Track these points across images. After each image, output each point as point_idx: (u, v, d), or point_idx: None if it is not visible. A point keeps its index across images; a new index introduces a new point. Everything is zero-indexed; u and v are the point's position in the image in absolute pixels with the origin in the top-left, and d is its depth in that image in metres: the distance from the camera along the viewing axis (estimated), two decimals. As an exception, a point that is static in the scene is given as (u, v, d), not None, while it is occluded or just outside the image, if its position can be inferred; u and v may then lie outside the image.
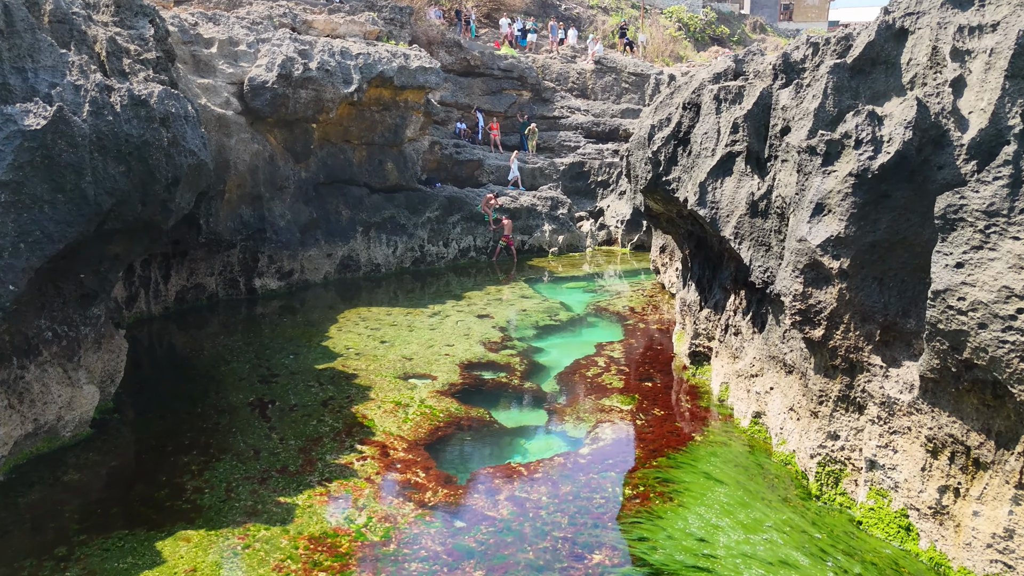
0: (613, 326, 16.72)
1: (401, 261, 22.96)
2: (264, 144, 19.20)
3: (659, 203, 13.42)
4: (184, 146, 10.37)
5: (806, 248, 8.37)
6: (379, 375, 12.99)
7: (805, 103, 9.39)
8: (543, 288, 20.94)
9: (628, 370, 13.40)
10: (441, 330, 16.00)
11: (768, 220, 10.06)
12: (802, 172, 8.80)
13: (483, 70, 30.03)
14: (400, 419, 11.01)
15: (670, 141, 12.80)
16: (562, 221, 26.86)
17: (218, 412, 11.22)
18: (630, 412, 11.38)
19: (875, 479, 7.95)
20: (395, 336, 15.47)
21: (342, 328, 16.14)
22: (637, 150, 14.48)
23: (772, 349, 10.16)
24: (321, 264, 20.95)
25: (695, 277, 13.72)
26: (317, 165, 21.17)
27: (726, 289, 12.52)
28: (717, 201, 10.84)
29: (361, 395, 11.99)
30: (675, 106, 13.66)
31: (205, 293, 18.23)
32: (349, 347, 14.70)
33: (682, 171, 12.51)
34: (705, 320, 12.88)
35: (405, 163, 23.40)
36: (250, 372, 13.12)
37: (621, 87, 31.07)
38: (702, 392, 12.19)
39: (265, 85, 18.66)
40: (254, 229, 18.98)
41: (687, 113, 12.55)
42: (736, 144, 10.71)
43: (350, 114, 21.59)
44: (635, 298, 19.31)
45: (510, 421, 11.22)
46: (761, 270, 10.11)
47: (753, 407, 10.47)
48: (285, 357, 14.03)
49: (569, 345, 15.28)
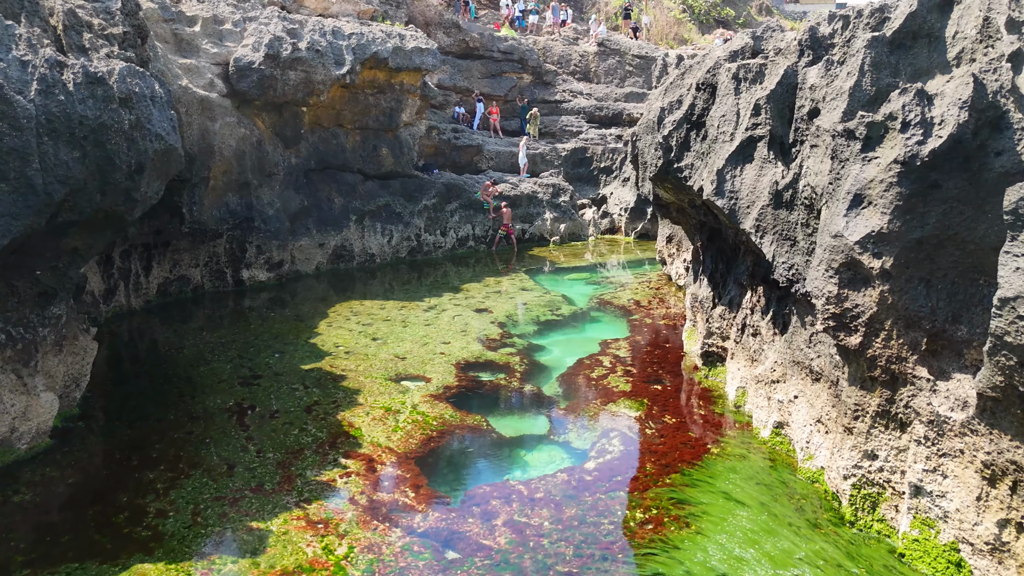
0: (618, 321, 15.73)
1: (397, 251, 21.93)
2: (251, 128, 18.12)
3: (670, 192, 12.39)
4: (149, 129, 9.32)
5: (842, 245, 7.36)
6: (369, 376, 12.01)
7: (838, 82, 8.34)
8: (544, 280, 19.93)
9: (635, 371, 12.43)
10: (437, 326, 15.01)
11: (794, 212, 9.04)
12: (837, 159, 7.77)
13: (482, 52, 28.85)
14: (390, 428, 10.04)
15: (682, 125, 11.74)
16: (564, 209, 25.80)
17: (192, 419, 10.25)
18: (638, 419, 10.41)
19: (920, 507, 6.99)
20: (388, 333, 14.49)
21: (332, 323, 15.15)
22: (645, 135, 13.43)
23: (796, 354, 9.17)
24: (313, 254, 19.92)
25: (707, 271, 12.71)
26: (308, 151, 20.10)
27: (742, 285, 11.52)
28: (736, 191, 9.81)
29: (349, 400, 11.02)
30: (687, 87, 12.61)
31: (190, 285, 17.23)
32: (339, 345, 13.72)
33: (695, 157, 11.47)
34: (719, 318, 11.88)
35: (401, 148, 22.32)
36: (231, 373, 12.15)
37: (625, 70, 29.88)
38: (716, 396, 11.22)
39: (251, 66, 17.55)
40: (241, 218, 17.95)
41: (701, 94, 11.49)
42: (758, 128, 9.66)
43: (343, 97, 20.49)
44: (640, 291, 18.31)
45: (509, 430, 10.26)
46: (785, 267, 9.10)
47: (774, 416, 9.49)
48: (270, 356, 13.05)
49: (572, 342, 14.30)
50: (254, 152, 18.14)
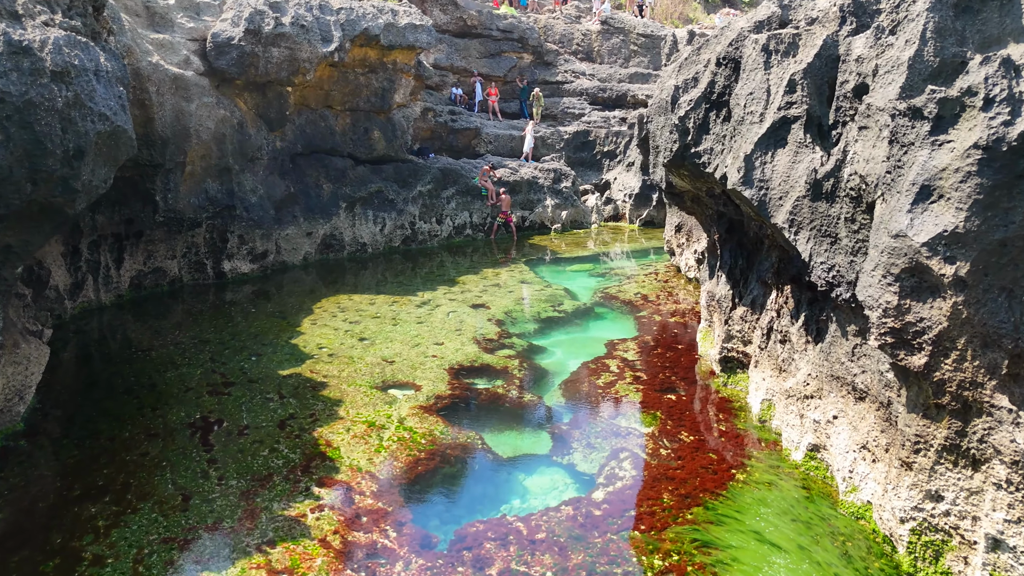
0: (624, 318, 14.46)
1: (390, 240, 20.61)
2: (232, 110, 16.73)
3: (685, 179, 11.06)
4: (91, 108, 7.98)
5: (905, 247, 6.06)
6: (353, 384, 10.76)
7: (893, 52, 6.99)
8: (545, 271, 18.64)
9: (645, 377, 11.17)
10: (430, 324, 13.74)
11: (836, 204, 7.73)
12: (898, 143, 6.45)
13: (480, 31, 27.36)
14: (372, 447, 8.80)
15: (700, 105, 10.39)
16: (565, 195, 24.44)
17: (150, 437, 9.01)
18: (651, 436, 9.17)
19: (1000, 563, 5.76)
20: (376, 332, 13.22)
21: (317, 321, 13.88)
22: (658, 116, 12.08)
23: (835, 367, 7.90)
24: (300, 244, 18.61)
25: (725, 267, 11.41)
26: (294, 133, 18.71)
27: (766, 284, 10.23)
28: (767, 179, 8.48)
29: (328, 412, 9.77)
30: (703, 63, 11.24)
31: (166, 278, 15.93)
32: (322, 346, 12.46)
33: (715, 141, 10.14)
34: (740, 320, 10.61)
35: (394, 131, 20.91)
36: (201, 379, 10.89)
37: (629, 49, 28.36)
38: (737, 409, 9.97)
39: (231, 42, 16.13)
40: (222, 206, 16.62)
41: (722, 70, 10.13)
42: (792, 107, 8.32)
43: (331, 76, 19.06)
44: (647, 283, 17.02)
45: (506, 449, 9.02)
46: (824, 268, 7.81)
47: (808, 437, 8.24)
48: (245, 359, 11.79)
49: (575, 343, 13.04)
50: (235, 135, 16.77)
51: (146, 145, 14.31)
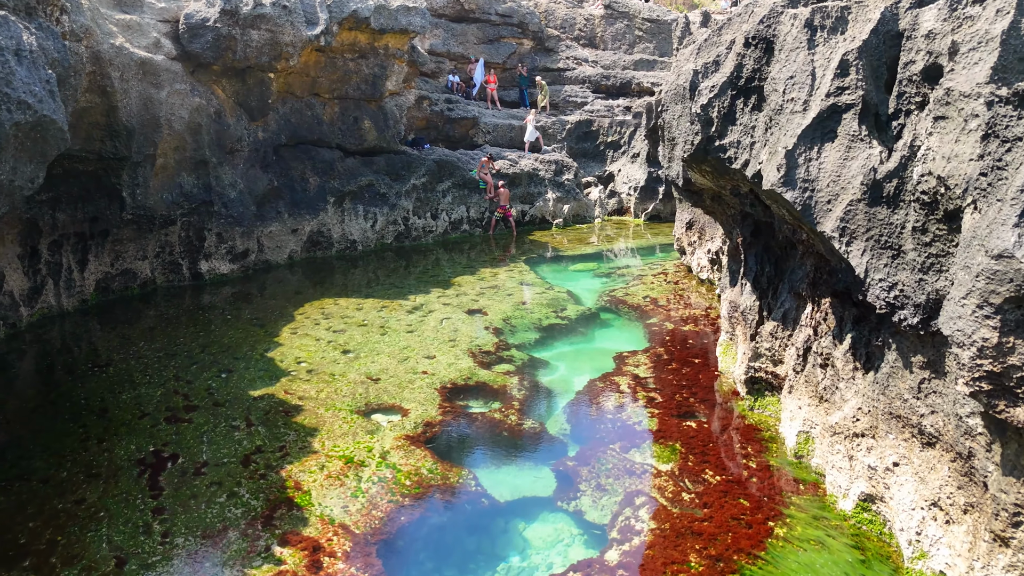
0: (633, 326, 13.12)
1: (381, 236, 19.22)
2: (208, 97, 15.30)
3: (707, 176, 9.68)
4: (8, 94, 6.59)
5: (1011, 270, 4.71)
6: (332, 408, 9.43)
7: (980, 25, 5.60)
8: (546, 271, 17.28)
9: (660, 398, 9.85)
10: (421, 333, 12.40)
11: (900, 211, 6.36)
12: (997, 137, 5.08)
13: (479, 15, 25.85)
14: (348, 490, 7.48)
15: (725, 91, 8.99)
16: (567, 188, 23.03)
17: (90, 478, 7.68)
18: (671, 476, 7.85)
19: None
20: (362, 343, 11.88)
21: (298, 329, 12.53)
22: (674, 104, 10.69)
23: (895, 404, 6.57)
24: (284, 241, 17.23)
25: (750, 275, 10.06)
26: (278, 123, 17.28)
27: (799, 295, 8.89)
28: (812, 179, 7.09)
29: (301, 445, 8.45)
30: (726, 44, 9.83)
31: (136, 280, 14.56)
32: (301, 360, 11.12)
33: (743, 132, 8.76)
34: (769, 337, 9.26)
35: (386, 121, 19.48)
36: (160, 402, 9.56)
37: (634, 35, 26.85)
38: (768, 439, 8.64)
39: (205, 23, 14.68)
40: (198, 201, 15.23)
41: (752, 52, 8.72)
42: (844, 93, 6.93)
43: (318, 62, 17.61)
44: (656, 285, 15.66)
45: (504, 491, 7.70)
46: (884, 287, 6.45)
47: (860, 485, 6.92)
48: (214, 376, 10.46)
49: (580, 355, 11.71)
50: (212, 125, 15.35)
51: (110, 136, 12.91)
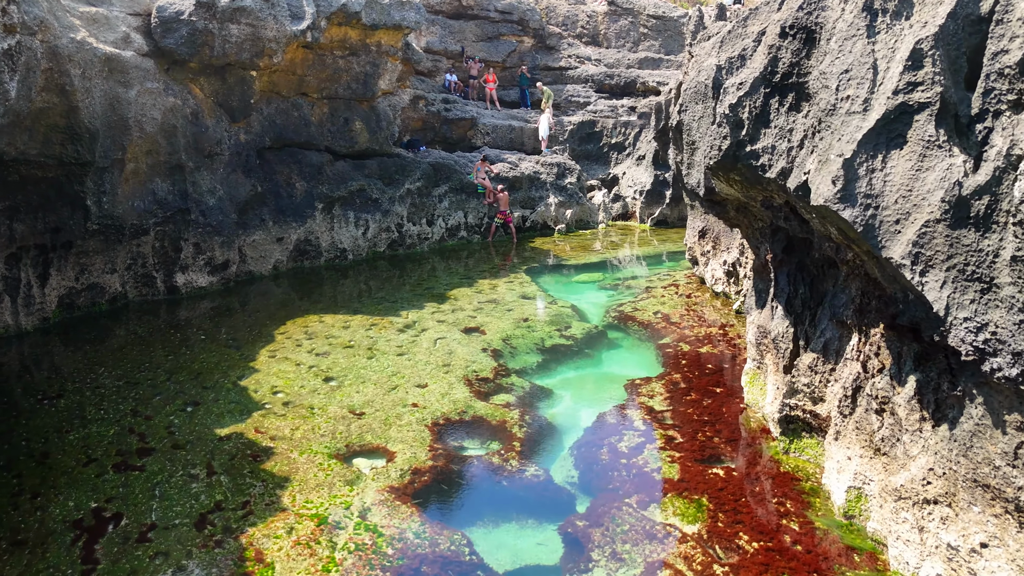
0: (645, 347, 11.86)
1: (373, 244, 17.96)
2: (184, 97, 14.02)
3: (735, 185, 8.41)
4: None
5: None
6: (307, 451, 8.17)
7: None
8: (548, 282, 16.03)
9: (680, 438, 8.58)
10: (412, 356, 11.14)
11: (992, 235, 5.09)
12: None
13: (477, 11, 24.58)
14: (319, 563, 6.21)
15: (757, 89, 7.72)
16: (570, 192, 21.77)
17: (13, 547, 6.42)
18: (699, 541, 6.59)
19: None
20: (347, 369, 10.62)
21: (277, 352, 11.27)
22: (694, 103, 9.43)
23: (983, 470, 5.30)
24: (269, 251, 15.97)
25: (782, 296, 8.79)
26: (261, 125, 16.00)
27: (843, 324, 7.62)
28: (875, 194, 5.82)
29: (268, 499, 7.19)
30: (753, 36, 8.61)
31: (105, 296, 13.28)
32: (278, 389, 9.86)
33: (779, 136, 7.50)
34: (807, 371, 7.99)
35: (378, 122, 18.20)
36: (111, 444, 8.30)
37: (639, 32, 25.57)
38: (809, 492, 7.38)
39: (179, 17, 13.40)
40: (173, 209, 13.96)
41: (789, 42, 7.45)
42: (916, 90, 5.66)
43: (305, 59, 16.34)
44: (667, 299, 14.39)
45: (503, 558, 6.44)
46: (970, 328, 5.18)
47: (936, 566, 5.65)
48: (178, 411, 9.19)
49: (587, 383, 10.46)
50: (188, 127, 14.07)
51: (71, 139, 11.64)
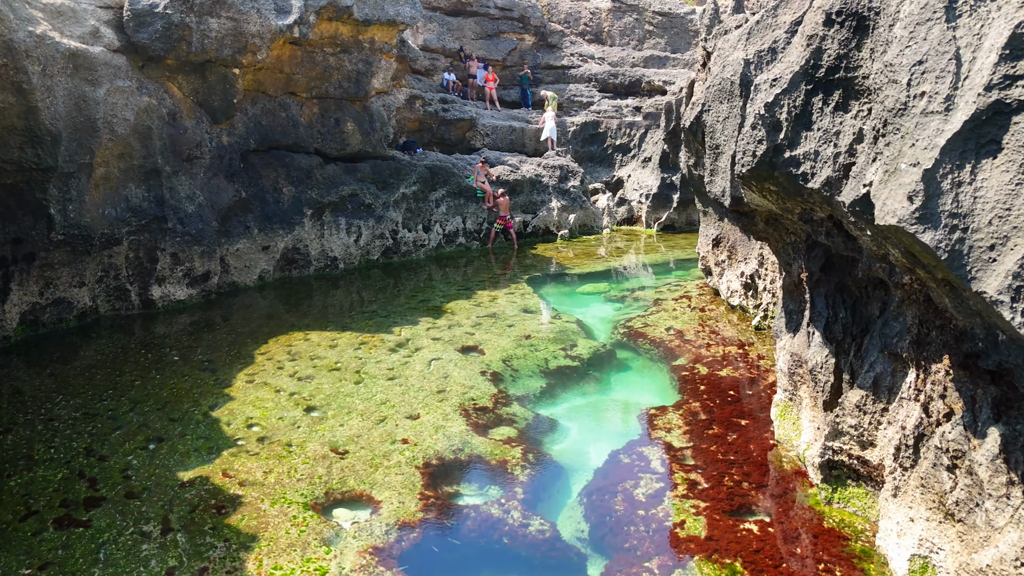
0: (658, 369, 10.76)
1: (366, 252, 16.85)
2: (160, 96, 12.90)
3: (770, 196, 7.29)
4: None
5: None
6: (281, 500, 7.06)
7: None
8: (551, 293, 14.93)
9: (704, 482, 7.47)
10: (404, 380, 10.03)
11: (1125, 268, 3.98)
12: None
13: (476, 8, 23.46)
14: (281, 654, 5.11)
15: (798, 86, 6.62)
16: (573, 196, 20.65)
17: (-82, 634, 5.33)
18: (739, 620, 5.47)
19: None
20: (331, 396, 9.51)
21: (255, 377, 10.16)
22: (717, 102, 8.33)
23: (1101, 559, 4.19)
24: (254, 260, 14.85)
25: (819, 321, 7.67)
26: (246, 126, 14.88)
27: (897, 358, 6.51)
28: (963, 213, 4.71)
29: (230, 566, 6.07)
30: (786, 26, 7.54)
31: (73, 311, 12.17)
32: (253, 422, 8.75)
33: (823, 140, 6.40)
34: (855, 410, 6.87)
35: (372, 123, 17.08)
36: (57, 491, 7.19)
37: (644, 30, 24.44)
38: (860, 555, 6.26)
39: (154, 10, 12.27)
40: (148, 217, 12.85)
41: (836, 31, 6.33)
42: (1015, 85, 4.54)
43: (293, 56, 15.22)
44: (680, 313, 13.27)
45: (505, 647, 5.34)
46: (1092, 383, 4.06)
47: (1036, 670, 4.55)
48: (138, 449, 8.08)
49: (596, 412, 9.36)
50: (165, 128, 12.95)
51: (30, 143, 10.54)
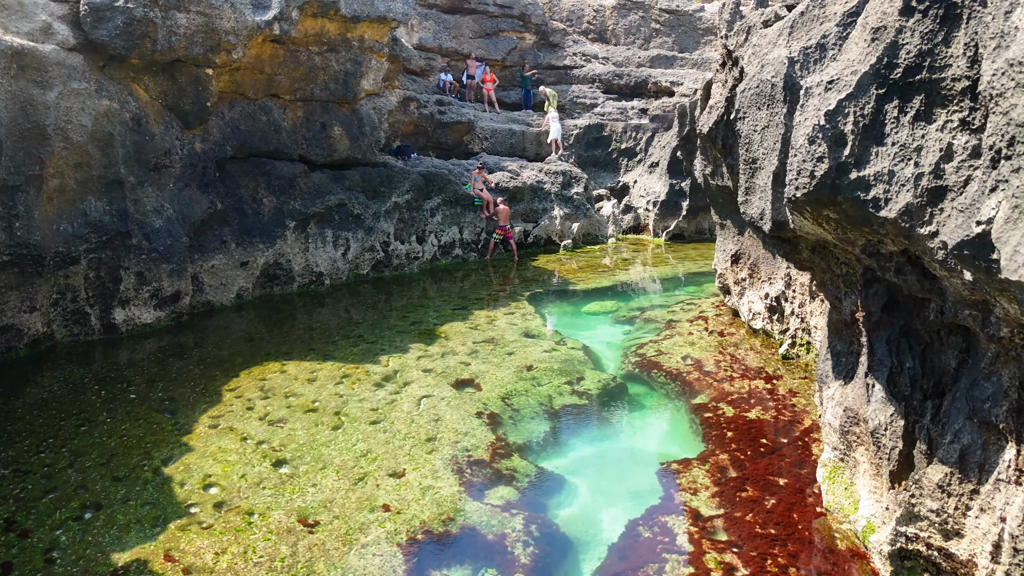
0: (676, 409, 9.40)
1: (355, 266, 15.48)
2: (123, 100, 11.52)
3: (828, 224, 5.91)
4: None
5: None
6: (227, 594, 5.70)
7: None
8: (554, 313, 13.57)
9: (743, 567, 6.11)
10: (390, 424, 8.67)
11: None
12: None
13: (475, 5, 22.08)
14: None
15: (867, 91, 5.26)
16: (577, 203, 19.28)
17: None
18: None
19: None
20: (305, 446, 8.14)
21: (220, 419, 8.80)
22: (755, 108, 6.99)
23: None
24: (231, 277, 13.48)
25: (880, 371, 6.30)
26: (222, 131, 13.50)
27: (992, 427, 5.14)
28: None
29: None
30: (838, 18, 6.20)
31: (23, 339, 10.80)
32: (211, 480, 7.39)
33: (900, 159, 5.05)
34: (937, 491, 5.51)
35: (361, 127, 15.70)
36: (-40, 582, 5.83)
37: (650, 28, 23.04)
38: None
39: (114, 4, 10.90)
40: (111, 233, 11.47)
41: (918, 21, 4.97)
42: None
43: (275, 55, 13.84)
44: (697, 338, 11.90)
45: None
46: None
47: None
48: (69, 519, 6.72)
49: (608, 466, 7.99)
50: (128, 135, 11.58)
51: (-35, 153, 9.15)
